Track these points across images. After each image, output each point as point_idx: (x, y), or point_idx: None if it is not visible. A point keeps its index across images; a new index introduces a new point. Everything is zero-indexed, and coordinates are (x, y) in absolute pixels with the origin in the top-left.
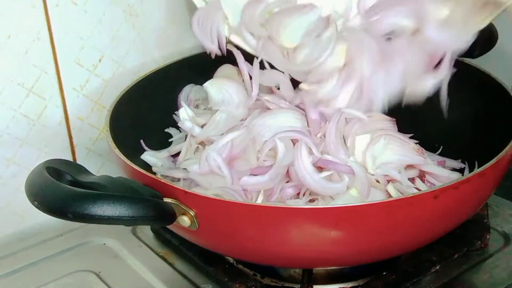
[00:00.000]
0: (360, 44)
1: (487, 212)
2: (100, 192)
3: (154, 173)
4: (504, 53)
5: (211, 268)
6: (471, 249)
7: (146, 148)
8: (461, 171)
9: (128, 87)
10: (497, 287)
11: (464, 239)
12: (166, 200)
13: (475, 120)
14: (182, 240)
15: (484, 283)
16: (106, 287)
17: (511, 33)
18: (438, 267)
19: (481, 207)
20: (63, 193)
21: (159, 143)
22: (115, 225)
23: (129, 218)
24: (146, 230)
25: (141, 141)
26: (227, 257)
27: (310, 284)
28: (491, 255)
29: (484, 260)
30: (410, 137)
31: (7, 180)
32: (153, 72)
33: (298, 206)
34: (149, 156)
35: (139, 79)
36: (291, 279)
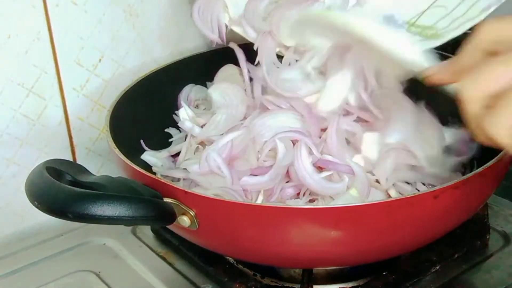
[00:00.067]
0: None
1: (487, 212)
2: (100, 192)
3: (154, 173)
4: None
5: (211, 268)
6: (471, 249)
7: (146, 148)
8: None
9: (128, 87)
10: (497, 287)
11: (464, 239)
12: (166, 200)
13: None
14: (182, 240)
15: (484, 283)
16: (106, 287)
17: None
18: (438, 267)
19: (481, 207)
20: (63, 193)
21: (159, 143)
22: (115, 225)
23: (129, 218)
24: (146, 230)
25: (141, 141)
26: (227, 257)
27: (310, 284)
28: (491, 255)
29: (484, 260)
30: None
31: (7, 180)
32: (153, 72)
33: (298, 206)
34: (149, 156)
35: (139, 79)
36: (291, 279)
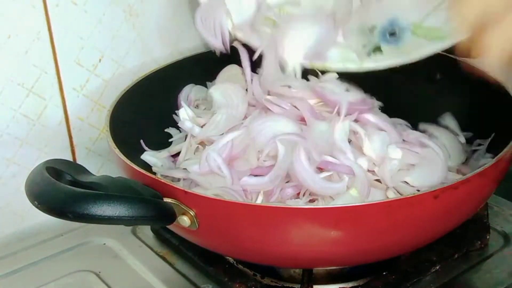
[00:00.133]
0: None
1: (487, 212)
2: (100, 192)
3: (154, 173)
4: None
5: (211, 268)
6: (471, 249)
7: (146, 148)
8: None
9: (128, 87)
10: (497, 287)
11: (464, 239)
12: (166, 200)
13: (475, 120)
14: (182, 240)
15: (484, 283)
16: (106, 287)
17: None
18: (438, 267)
19: (481, 207)
20: (63, 193)
21: (159, 143)
22: (115, 225)
23: (129, 218)
24: (146, 230)
25: (141, 141)
26: (227, 257)
27: (310, 284)
28: (491, 255)
29: (484, 260)
30: None
31: (7, 180)
32: (153, 72)
33: (298, 206)
34: (149, 156)
35: (139, 79)
36: (291, 279)
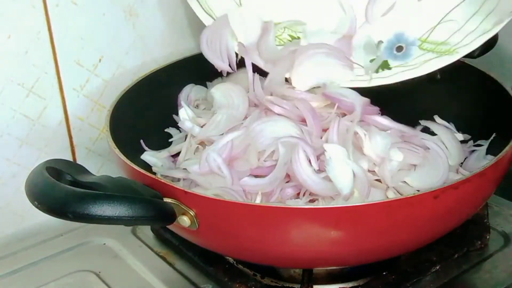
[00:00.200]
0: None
1: (487, 212)
2: (100, 192)
3: (154, 173)
4: (504, 53)
5: (211, 268)
6: (471, 249)
7: (146, 148)
8: None
9: (128, 87)
10: (497, 287)
11: (464, 239)
12: (166, 200)
13: (475, 120)
14: (182, 240)
15: (484, 283)
16: (106, 287)
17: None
18: (438, 267)
19: (481, 207)
20: (63, 193)
21: (159, 143)
22: (115, 225)
23: (129, 218)
24: (146, 230)
25: (141, 141)
26: (227, 257)
27: (310, 284)
28: (491, 255)
29: (484, 260)
30: None
31: (7, 180)
32: (153, 72)
33: (298, 206)
34: (149, 156)
35: (139, 79)
36: (291, 279)
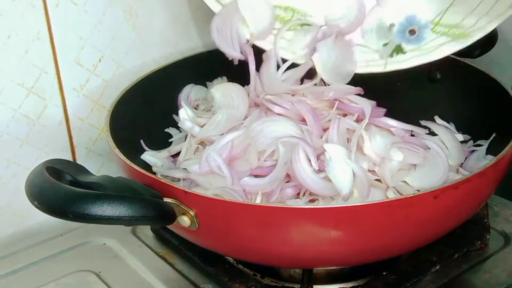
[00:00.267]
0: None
1: (487, 212)
2: (100, 192)
3: (154, 173)
4: (504, 53)
5: (211, 268)
6: (471, 249)
7: (146, 148)
8: None
9: (128, 87)
10: (497, 287)
11: (464, 239)
12: (166, 200)
13: (475, 120)
14: (182, 240)
15: (484, 283)
16: (106, 287)
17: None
18: (438, 267)
19: (481, 207)
20: (63, 193)
21: (159, 143)
22: (115, 225)
23: (129, 218)
24: (146, 230)
25: (141, 141)
26: (227, 257)
27: (310, 284)
28: (491, 255)
29: (484, 260)
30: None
31: (7, 180)
32: (153, 72)
33: (298, 206)
34: (149, 156)
35: (139, 79)
36: (291, 279)
